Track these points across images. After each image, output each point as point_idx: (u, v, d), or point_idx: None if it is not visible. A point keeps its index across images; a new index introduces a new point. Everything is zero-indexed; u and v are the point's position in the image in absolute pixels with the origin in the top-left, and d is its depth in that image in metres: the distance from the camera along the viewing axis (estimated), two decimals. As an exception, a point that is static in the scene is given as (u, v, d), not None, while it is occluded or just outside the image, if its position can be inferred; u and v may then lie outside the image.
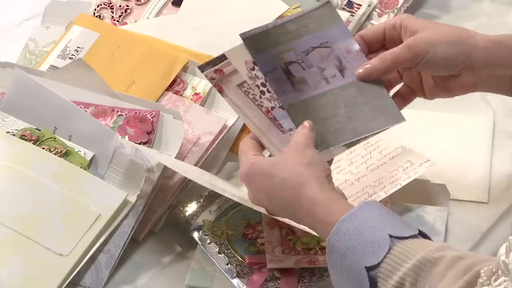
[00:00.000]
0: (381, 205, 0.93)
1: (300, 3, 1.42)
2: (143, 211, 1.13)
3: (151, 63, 1.30)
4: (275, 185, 0.97)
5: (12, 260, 1.08)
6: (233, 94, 1.05)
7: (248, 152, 1.02)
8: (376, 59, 1.03)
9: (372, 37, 1.06)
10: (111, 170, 1.15)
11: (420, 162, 1.09)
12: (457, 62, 1.02)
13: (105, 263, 1.11)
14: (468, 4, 1.50)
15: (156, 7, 1.42)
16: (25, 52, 1.41)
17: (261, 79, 1.04)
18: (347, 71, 1.05)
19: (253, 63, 1.04)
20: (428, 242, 0.89)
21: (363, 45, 1.06)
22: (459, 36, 1.02)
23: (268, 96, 1.04)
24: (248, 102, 1.04)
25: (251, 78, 1.04)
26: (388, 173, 1.10)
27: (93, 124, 1.18)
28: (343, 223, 0.90)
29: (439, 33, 1.02)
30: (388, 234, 0.88)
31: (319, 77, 1.04)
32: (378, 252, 0.87)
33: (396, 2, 1.45)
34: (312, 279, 1.07)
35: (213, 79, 1.05)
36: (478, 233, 1.13)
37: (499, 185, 1.18)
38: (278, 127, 1.04)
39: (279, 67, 1.05)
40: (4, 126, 1.19)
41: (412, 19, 1.04)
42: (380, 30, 1.06)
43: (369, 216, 0.90)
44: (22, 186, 1.13)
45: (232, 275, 1.09)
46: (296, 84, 1.05)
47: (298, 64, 1.05)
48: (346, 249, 0.89)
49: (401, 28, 1.04)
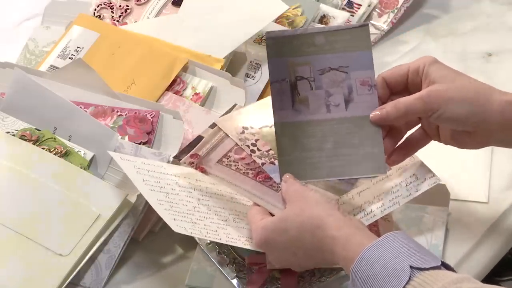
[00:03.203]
0: (406, 235, 0.93)
1: (300, 3, 1.42)
2: (143, 211, 1.13)
3: (151, 63, 1.30)
4: (293, 238, 0.98)
5: (12, 260, 1.08)
6: (216, 171, 1.06)
7: (255, 218, 1.02)
8: (390, 106, 1.02)
9: (395, 80, 1.04)
10: (111, 170, 1.15)
11: (424, 178, 1.08)
12: (469, 121, 1.00)
13: (105, 263, 1.11)
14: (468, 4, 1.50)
15: (156, 7, 1.42)
16: (25, 52, 1.41)
17: (251, 140, 1.06)
18: (351, 105, 1.04)
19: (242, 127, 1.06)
20: (448, 273, 0.89)
21: (384, 88, 1.04)
22: (476, 96, 1.00)
23: (259, 154, 1.05)
24: (233, 174, 1.06)
25: (241, 140, 1.06)
26: (390, 188, 1.09)
27: (93, 124, 1.17)
28: (368, 251, 0.91)
29: (454, 90, 1.00)
30: (409, 265, 0.88)
31: (322, 102, 1.04)
32: (397, 282, 0.88)
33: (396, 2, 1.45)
34: (312, 280, 1.07)
35: (192, 164, 1.06)
36: (478, 233, 1.13)
37: (499, 185, 1.18)
38: (270, 187, 1.05)
39: (288, 79, 1.04)
40: (4, 126, 1.19)
41: (435, 66, 1.02)
42: (404, 72, 1.03)
43: (393, 246, 0.90)
44: (22, 186, 1.13)
45: (232, 275, 1.09)
46: (297, 103, 1.04)
47: (307, 82, 1.04)
48: (368, 277, 0.90)
49: (423, 74, 1.02)
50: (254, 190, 1.05)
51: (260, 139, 1.07)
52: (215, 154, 1.07)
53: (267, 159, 1.06)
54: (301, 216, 0.97)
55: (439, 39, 1.44)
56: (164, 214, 1.04)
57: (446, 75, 1.01)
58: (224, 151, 1.07)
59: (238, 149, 1.07)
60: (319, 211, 0.97)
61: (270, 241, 1.00)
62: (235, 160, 1.06)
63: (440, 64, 1.02)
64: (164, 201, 1.06)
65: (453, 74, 1.02)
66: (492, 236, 1.13)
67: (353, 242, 0.93)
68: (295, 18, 1.41)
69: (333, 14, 1.43)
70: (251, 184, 1.05)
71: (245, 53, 1.35)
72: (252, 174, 1.06)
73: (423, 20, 1.47)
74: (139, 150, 1.16)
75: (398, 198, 1.08)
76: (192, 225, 1.04)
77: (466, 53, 1.40)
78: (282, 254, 1.00)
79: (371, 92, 1.03)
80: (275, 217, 1.00)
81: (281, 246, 0.99)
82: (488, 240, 1.12)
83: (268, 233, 0.99)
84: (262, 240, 1.00)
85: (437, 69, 1.02)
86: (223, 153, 1.07)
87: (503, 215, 1.15)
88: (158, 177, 1.08)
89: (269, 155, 1.06)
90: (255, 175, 1.06)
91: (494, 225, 1.14)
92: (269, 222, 1.00)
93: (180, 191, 1.09)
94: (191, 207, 1.07)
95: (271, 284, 1.08)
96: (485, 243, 1.12)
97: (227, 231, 1.06)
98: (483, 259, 1.11)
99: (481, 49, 1.40)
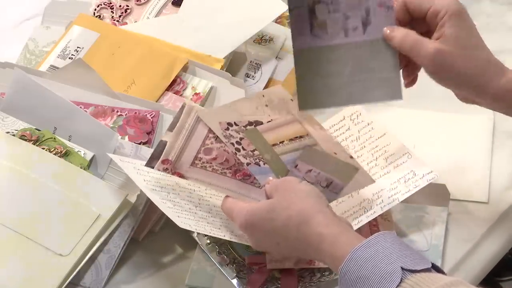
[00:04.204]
0: (395, 235, 0.92)
1: (300, 3, 1.42)
2: (143, 211, 1.13)
3: (151, 63, 1.30)
4: (279, 228, 0.96)
5: (12, 260, 1.08)
6: (193, 174, 1.05)
7: (236, 203, 1.01)
8: (400, 33, 1.01)
9: (416, 7, 1.02)
10: (111, 170, 1.15)
11: (422, 174, 1.08)
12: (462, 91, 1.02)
13: (105, 263, 1.11)
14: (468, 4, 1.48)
15: (156, 7, 1.42)
16: (25, 52, 1.41)
17: (236, 138, 1.04)
18: (370, 27, 1.03)
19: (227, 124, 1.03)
20: (440, 276, 0.88)
21: (405, 12, 1.02)
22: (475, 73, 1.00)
23: (244, 153, 1.04)
24: (212, 175, 1.05)
25: (226, 137, 1.04)
26: (389, 185, 1.09)
27: (93, 124, 1.17)
28: (356, 252, 0.89)
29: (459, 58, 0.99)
30: (400, 266, 0.87)
31: (340, 26, 1.03)
32: (389, 284, 0.86)
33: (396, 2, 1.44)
34: (312, 279, 1.07)
35: (167, 170, 1.05)
36: (478, 233, 1.13)
37: (499, 185, 1.18)
38: (251, 184, 1.04)
39: (306, 4, 1.03)
40: (4, 126, 1.19)
41: (454, 20, 0.99)
42: (425, 7, 1.01)
43: (382, 246, 0.89)
44: (22, 186, 1.13)
45: (232, 275, 1.09)
46: (315, 27, 1.03)
47: (325, 5, 1.03)
48: (358, 278, 0.88)
49: (441, 20, 1.00)
50: (236, 188, 1.04)
51: (245, 137, 1.05)
52: (186, 157, 1.05)
53: (252, 159, 1.04)
54: (289, 210, 0.96)
55: (439, 39, 1.43)
56: (168, 211, 1.04)
57: (460, 36, 1.00)
58: (193, 152, 1.05)
59: (207, 149, 1.05)
60: (309, 206, 0.96)
61: (254, 226, 0.98)
62: (208, 161, 1.05)
63: (460, 17, 1.00)
64: (166, 199, 1.06)
65: (466, 37, 1.00)
66: (492, 236, 1.13)
67: (342, 241, 0.92)
68: (295, 18, 1.41)
69: (333, 14, 1.43)
70: (232, 183, 1.05)
71: (245, 53, 1.35)
72: (229, 173, 1.05)
73: (423, 20, 1.47)
74: (139, 150, 1.16)
75: (397, 195, 1.08)
76: (196, 222, 1.04)
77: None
78: (264, 240, 0.99)
79: (388, 14, 1.02)
80: (262, 205, 0.99)
81: (264, 233, 0.98)
82: (488, 240, 1.12)
83: (254, 218, 0.98)
84: (246, 223, 0.99)
85: (455, 24, 1.00)
86: (193, 155, 1.05)
87: (503, 215, 1.15)
88: (158, 178, 1.08)
89: (254, 155, 1.05)
90: (233, 174, 1.05)
91: (494, 225, 1.14)
92: (255, 208, 0.98)
93: (181, 191, 1.09)
94: (193, 206, 1.07)
95: (271, 284, 1.08)
96: (485, 243, 1.12)
97: (230, 228, 1.06)
98: (483, 259, 1.11)
99: (481, 49, 1.40)
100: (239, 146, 1.04)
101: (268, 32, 1.38)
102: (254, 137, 1.05)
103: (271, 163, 1.05)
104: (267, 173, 1.05)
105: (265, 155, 1.04)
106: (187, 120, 1.05)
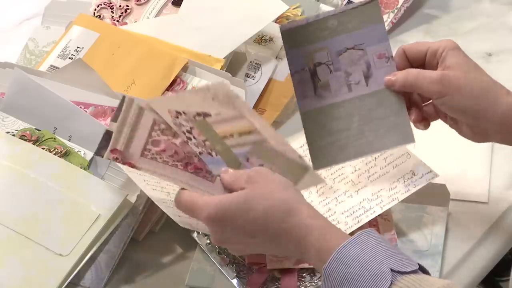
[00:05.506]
0: (379, 235, 0.90)
1: (300, 3, 1.42)
2: (143, 211, 1.13)
3: (151, 63, 1.30)
4: (258, 218, 0.91)
5: (12, 260, 1.08)
6: (145, 164, 1.00)
7: (199, 196, 0.94)
8: (402, 72, 1.03)
9: (415, 53, 1.04)
10: (111, 170, 1.15)
11: (422, 173, 1.08)
12: (470, 116, 1.01)
13: (105, 263, 1.11)
14: (468, 4, 1.50)
15: (156, 7, 1.42)
16: (25, 52, 1.41)
17: (186, 127, 1.00)
18: (372, 79, 1.05)
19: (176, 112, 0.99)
20: (431, 279, 0.87)
21: (404, 60, 1.04)
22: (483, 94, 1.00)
23: (195, 142, 1.00)
24: (163, 167, 1.00)
25: (176, 125, 1.00)
26: (389, 185, 1.09)
27: (93, 124, 1.18)
28: (342, 250, 0.88)
29: (465, 81, 1.00)
30: (389, 268, 0.86)
31: (342, 83, 1.04)
32: (378, 286, 0.85)
33: (396, 2, 1.45)
34: (312, 280, 1.07)
35: (117, 159, 1.00)
36: (478, 233, 1.13)
37: (499, 185, 1.18)
38: (203, 178, 1.00)
39: (308, 68, 1.05)
40: (4, 126, 1.19)
41: (453, 52, 1.02)
42: (424, 49, 1.04)
43: (368, 245, 0.88)
44: (22, 186, 1.13)
45: (232, 275, 1.09)
46: (319, 88, 1.05)
47: (326, 66, 1.05)
48: (344, 278, 0.86)
49: (441, 57, 1.02)
50: (188, 180, 1.00)
51: (195, 127, 1.00)
52: (134, 147, 1.00)
53: (204, 149, 1.00)
54: (270, 199, 0.92)
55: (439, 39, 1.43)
56: (169, 211, 1.04)
57: (462, 63, 1.02)
58: (141, 143, 1.00)
59: (155, 141, 1.01)
60: (291, 196, 0.93)
61: (225, 219, 0.92)
62: (157, 153, 1.01)
63: (459, 51, 1.03)
64: (166, 199, 1.06)
65: (469, 65, 1.02)
66: (492, 236, 1.13)
67: (328, 236, 0.90)
68: (295, 18, 1.41)
69: (333, 14, 1.43)
70: (185, 176, 1.00)
71: (245, 53, 1.35)
72: (181, 165, 1.01)
73: (423, 20, 1.47)
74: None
75: (397, 194, 1.08)
76: (197, 222, 1.04)
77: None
78: (235, 234, 0.93)
79: (389, 64, 1.04)
80: (235, 196, 0.92)
81: (237, 227, 0.92)
82: (488, 240, 1.12)
83: (226, 211, 0.91)
84: (215, 216, 0.92)
85: (455, 55, 1.02)
86: (142, 146, 1.00)
87: (503, 215, 1.15)
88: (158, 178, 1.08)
89: (206, 146, 1.00)
90: (184, 167, 1.01)
91: (494, 225, 1.14)
92: (228, 200, 0.92)
93: None
94: None
95: (271, 284, 1.08)
96: (485, 243, 1.12)
97: None
98: (483, 259, 1.11)
99: (481, 49, 1.40)
100: (190, 135, 1.00)
101: (268, 32, 1.38)
102: (204, 128, 1.00)
103: (223, 154, 1.01)
104: (220, 164, 1.00)
105: (216, 146, 1.00)
106: (130, 111, 1.00)
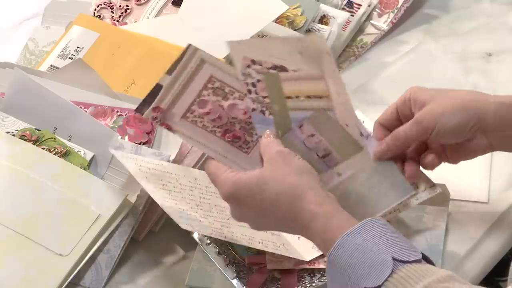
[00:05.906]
0: (385, 222, 0.90)
1: (300, 3, 1.42)
2: (143, 211, 1.14)
3: (151, 63, 1.30)
4: (268, 201, 0.93)
5: (12, 260, 1.08)
6: (182, 128, 0.99)
7: (220, 170, 0.96)
8: (389, 138, 1.02)
9: (388, 119, 1.04)
10: (111, 170, 1.15)
11: (424, 187, 1.07)
12: (467, 128, 1.01)
13: (105, 263, 1.11)
14: (468, 4, 1.50)
15: (156, 7, 1.42)
16: (25, 52, 1.41)
17: (253, 79, 0.98)
18: None
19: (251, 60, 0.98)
20: (433, 269, 0.86)
21: (384, 131, 1.04)
22: (468, 102, 1.01)
23: (254, 97, 0.99)
24: (200, 132, 0.99)
25: (244, 75, 0.98)
26: None
27: (93, 124, 1.18)
28: (346, 238, 0.88)
29: (445, 103, 1.00)
30: (391, 256, 0.86)
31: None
32: (379, 274, 0.85)
33: (396, 2, 1.45)
34: (312, 280, 1.07)
35: (156, 119, 0.99)
36: (478, 233, 1.13)
37: (499, 185, 1.18)
38: (239, 149, 1.00)
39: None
40: (4, 126, 1.19)
41: (421, 91, 1.02)
42: (393, 109, 1.04)
43: (372, 234, 0.88)
44: (22, 186, 1.13)
45: (232, 276, 1.09)
46: None
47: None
48: (347, 265, 0.87)
49: (411, 101, 1.02)
50: (222, 151, 0.99)
51: (263, 81, 0.98)
52: (178, 107, 0.98)
53: (259, 106, 0.99)
54: (282, 184, 0.93)
55: (439, 39, 1.43)
56: (170, 211, 1.04)
57: (434, 94, 1.02)
58: (187, 102, 0.99)
59: (202, 101, 0.99)
60: (302, 182, 0.93)
61: (240, 197, 0.94)
62: (200, 115, 0.99)
63: (425, 88, 1.03)
64: (168, 198, 1.06)
65: (441, 92, 1.02)
66: (492, 236, 1.12)
67: (333, 223, 0.90)
68: (295, 18, 1.41)
69: (333, 14, 1.43)
70: (219, 145, 0.99)
71: (245, 53, 1.35)
72: (219, 132, 0.99)
73: (423, 20, 1.47)
74: (139, 150, 1.16)
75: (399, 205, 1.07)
76: (198, 223, 1.04)
77: (466, 53, 1.40)
78: (249, 213, 0.95)
79: (369, 140, 1.03)
80: (251, 175, 0.94)
81: (250, 205, 0.94)
82: (488, 240, 1.12)
83: (241, 189, 0.94)
84: (231, 193, 0.94)
85: (424, 92, 1.02)
86: (187, 106, 0.99)
87: (503, 215, 1.15)
88: (160, 176, 1.08)
89: (263, 102, 0.99)
90: (222, 134, 0.99)
91: (494, 225, 1.14)
92: (243, 178, 0.94)
93: (182, 189, 1.09)
94: (194, 205, 1.07)
95: (271, 284, 1.08)
96: (485, 243, 1.12)
97: (230, 229, 1.06)
98: (483, 259, 1.11)
99: (481, 49, 1.40)
100: (253, 88, 0.99)
101: (268, 32, 1.38)
102: (271, 83, 0.99)
103: (277, 115, 0.99)
104: (268, 125, 0.99)
105: (274, 105, 0.99)
106: (190, 63, 0.98)
